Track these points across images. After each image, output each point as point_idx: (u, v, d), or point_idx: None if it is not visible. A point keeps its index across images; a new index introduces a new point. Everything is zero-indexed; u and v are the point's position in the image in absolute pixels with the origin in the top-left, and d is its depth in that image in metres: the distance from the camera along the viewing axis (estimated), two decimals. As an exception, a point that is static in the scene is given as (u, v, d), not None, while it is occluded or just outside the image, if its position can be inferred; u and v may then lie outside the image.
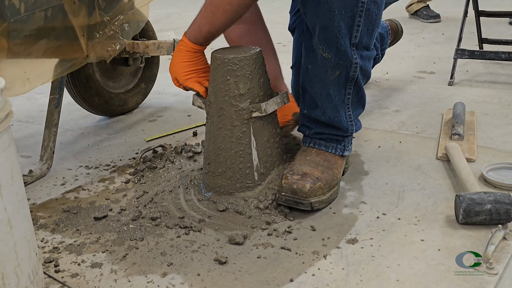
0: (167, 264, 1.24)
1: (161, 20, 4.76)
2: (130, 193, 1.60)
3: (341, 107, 1.50)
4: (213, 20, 1.42)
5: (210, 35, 1.45)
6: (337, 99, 1.48)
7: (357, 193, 1.52)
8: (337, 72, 1.44)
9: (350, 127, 1.53)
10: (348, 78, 1.46)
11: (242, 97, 1.43)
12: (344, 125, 1.51)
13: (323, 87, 1.48)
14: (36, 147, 1.99)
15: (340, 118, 1.50)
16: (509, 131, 1.89)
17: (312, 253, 1.25)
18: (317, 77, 1.48)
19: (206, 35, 1.45)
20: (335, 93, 1.47)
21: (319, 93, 1.49)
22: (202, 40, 1.46)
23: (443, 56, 2.99)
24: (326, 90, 1.47)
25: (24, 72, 1.66)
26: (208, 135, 1.51)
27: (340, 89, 1.47)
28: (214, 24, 1.42)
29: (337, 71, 1.44)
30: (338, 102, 1.49)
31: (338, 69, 1.44)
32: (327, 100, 1.49)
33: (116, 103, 2.30)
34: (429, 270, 1.16)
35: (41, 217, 1.50)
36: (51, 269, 1.25)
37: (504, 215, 1.28)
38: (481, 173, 1.54)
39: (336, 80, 1.45)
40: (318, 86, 1.49)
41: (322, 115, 1.51)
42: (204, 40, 1.46)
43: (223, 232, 1.36)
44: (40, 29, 1.62)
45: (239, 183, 1.47)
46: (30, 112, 2.50)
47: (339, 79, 1.46)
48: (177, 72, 1.49)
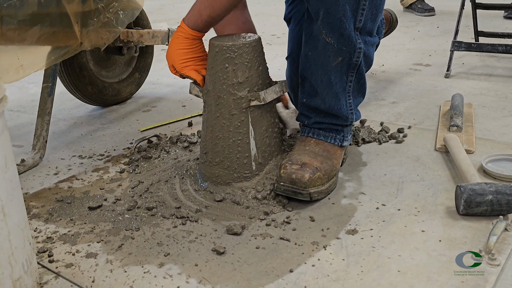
0: (164, 255, 1.22)
1: (154, 11, 4.71)
2: (125, 183, 1.57)
3: (342, 95, 1.48)
4: (214, 3, 1.39)
5: (211, 20, 1.42)
6: (338, 86, 1.46)
7: (356, 184, 1.50)
8: (339, 59, 1.42)
9: (350, 116, 1.51)
10: (350, 64, 1.44)
11: (240, 85, 1.40)
12: (344, 113, 1.49)
13: (324, 73, 1.45)
14: (28, 137, 1.96)
15: (340, 106, 1.48)
16: (506, 123, 1.88)
17: (312, 244, 1.23)
18: (318, 63, 1.45)
19: (207, 20, 1.42)
20: (336, 80, 1.45)
21: (319, 80, 1.47)
22: (202, 25, 1.43)
23: (439, 49, 2.98)
24: (327, 77, 1.45)
25: (18, 59, 1.63)
26: (206, 124, 1.48)
27: (342, 76, 1.45)
28: (215, 7, 1.39)
29: (340, 57, 1.42)
30: (339, 89, 1.47)
31: (340, 55, 1.42)
32: (328, 87, 1.46)
33: (109, 92, 2.27)
34: (430, 261, 1.15)
35: (34, 207, 1.47)
36: (45, 259, 1.22)
37: (505, 206, 1.27)
38: (481, 165, 1.53)
39: (338, 66, 1.43)
40: (319, 73, 1.46)
41: (322, 103, 1.49)
42: (204, 25, 1.43)
43: (220, 223, 1.34)
44: (34, 15, 1.58)
45: (236, 173, 1.45)
46: (22, 102, 2.46)
47: (342, 66, 1.43)
48: (174, 59, 1.46)
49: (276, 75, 2.17)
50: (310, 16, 1.44)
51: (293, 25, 1.83)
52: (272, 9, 4.52)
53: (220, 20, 1.45)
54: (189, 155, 1.72)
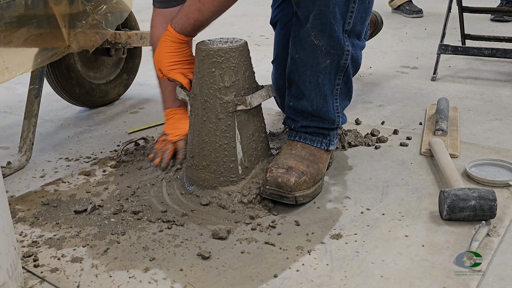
0: (149, 259, 1.22)
1: (143, 10, 4.68)
2: (111, 186, 1.57)
3: (329, 97, 1.49)
4: (202, 8, 1.39)
5: (198, 24, 1.43)
6: (326, 88, 1.47)
7: (341, 188, 1.51)
8: (327, 61, 1.43)
9: (336, 119, 1.52)
10: (339, 67, 1.45)
11: (227, 89, 1.41)
12: (331, 116, 1.50)
13: (312, 75, 1.46)
14: (14, 138, 1.95)
15: (327, 108, 1.49)
16: (491, 127, 1.90)
17: (296, 249, 1.24)
18: (306, 65, 1.46)
19: (194, 24, 1.42)
20: (324, 82, 1.46)
21: (307, 82, 1.48)
22: (189, 29, 1.43)
23: (426, 51, 3.01)
24: (315, 79, 1.46)
25: (3, 61, 1.62)
26: (192, 128, 1.49)
27: (330, 78, 1.46)
28: (202, 12, 1.40)
29: (328, 59, 1.43)
30: (327, 91, 1.48)
31: (329, 58, 1.43)
32: (316, 89, 1.47)
33: (97, 94, 2.26)
34: (413, 266, 1.16)
35: (19, 210, 1.47)
36: (30, 264, 1.22)
37: (488, 211, 1.29)
38: (464, 169, 1.55)
39: (326, 68, 1.45)
40: (307, 75, 1.47)
41: (309, 105, 1.50)
42: (191, 29, 1.44)
43: (206, 227, 1.34)
44: (20, 17, 1.58)
45: (223, 177, 1.46)
46: (8, 102, 2.45)
47: (330, 68, 1.45)
48: (161, 63, 1.47)
49: (264, 77, 2.19)
50: (299, 20, 1.45)
51: (279, 29, 1.84)
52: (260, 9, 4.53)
53: (207, 25, 1.45)
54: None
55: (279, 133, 1.90)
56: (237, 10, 1.79)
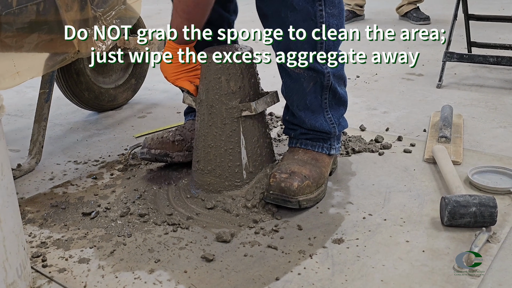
0: (155, 261, 1.25)
1: (152, 16, 4.75)
2: (118, 189, 1.61)
3: (319, 114, 1.53)
4: (189, 16, 1.40)
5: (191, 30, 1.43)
6: (314, 106, 1.52)
7: (344, 193, 1.54)
8: (311, 83, 1.48)
9: (332, 129, 1.55)
10: (322, 86, 1.50)
11: (232, 95, 1.44)
12: (326, 129, 1.54)
13: (299, 99, 1.51)
14: (25, 141, 1.99)
15: (320, 123, 1.53)
16: (495, 134, 1.92)
17: (299, 252, 1.26)
18: (293, 91, 1.52)
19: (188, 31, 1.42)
20: (311, 101, 1.51)
21: (295, 106, 1.53)
22: (182, 36, 1.43)
23: (432, 58, 3.02)
24: (303, 102, 1.51)
25: (14, 66, 1.66)
26: (198, 133, 1.51)
27: (317, 97, 1.51)
28: (190, 19, 1.40)
29: (311, 82, 1.48)
30: (316, 108, 1.52)
31: (312, 80, 1.48)
32: (305, 109, 1.52)
33: (106, 98, 2.30)
34: (413, 271, 1.18)
35: (29, 212, 1.50)
36: (38, 264, 1.25)
37: (488, 218, 1.31)
38: (467, 176, 1.57)
39: (312, 89, 1.49)
40: (294, 100, 1.53)
41: (303, 123, 1.54)
42: (187, 37, 1.44)
43: (210, 230, 1.37)
44: (32, 23, 1.61)
45: (228, 181, 1.48)
46: (19, 106, 2.49)
47: (315, 88, 1.49)
48: (167, 73, 1.50)
49: (271, 83, 2.22)
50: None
51: None
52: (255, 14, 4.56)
53: (201, 27, 1.44)
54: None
55: (283, 139, 1.92)
56: (245, 16, 1.81)
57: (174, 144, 1.66)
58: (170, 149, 1.65)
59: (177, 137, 1.67)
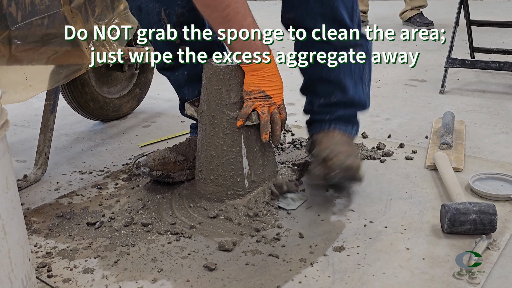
0: (158, 270, 1.27)
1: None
2: (123, 199, 1.63)
3: (359, 85, 1.60)
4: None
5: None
6: (356, 77, 1.58)
7: (346, 200, 1.55)
8: (358, 54, 1.57)
9: (368, 102, 1.66)
10: (365, 58, 1.59)
11: (233, 106, 1.46)
12: (363, 100, 1.63)
13: (346, 66, 1.56)
14: (31, 152, 2.01)
15: (359, 95, 1.61)
16: (497, 140, 1.93)
17: (300, 261, 1.27)
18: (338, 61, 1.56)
19: None
20: (355, 71, 1.57)
21: (341, 73, 1.56)
22: None
23: (435, 64, 3.03)
24: (349, 69, 1.57)
25: (26, 79, 1.68)
26: (200, 143, 1.54)
27: (359, 66, 1.58)
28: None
29: (358, 51, 1.57)
30: (357, 80, 1.59)
31: (359, 50, 1.56)
32: (350, 77, 1.57)
33: (110, 108, 2.33)
34: (413, 278, 1.19)
35: (35, 222, 1.52)
36: (44, 274, 1.27)
37: (488, 225, 1.32)
38: (468, 183, 1.58)
39: (357, 60, 1.57)
40: (341, 68, 1.56)
41: (344, 95, 1.59)
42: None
43: (213, 239, 1.39)
44: (42, 36, 1.64)
45: (230, 190, 1.50)
46: (26, 116, 2.52)
47: (360, 59, 1.58)
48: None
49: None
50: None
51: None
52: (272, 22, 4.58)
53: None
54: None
55: (286, 147, 1.94)
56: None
57: (176, 164, 1.67)
58: (172, 170, 1.66)
59: (179, 157, 1.67)
